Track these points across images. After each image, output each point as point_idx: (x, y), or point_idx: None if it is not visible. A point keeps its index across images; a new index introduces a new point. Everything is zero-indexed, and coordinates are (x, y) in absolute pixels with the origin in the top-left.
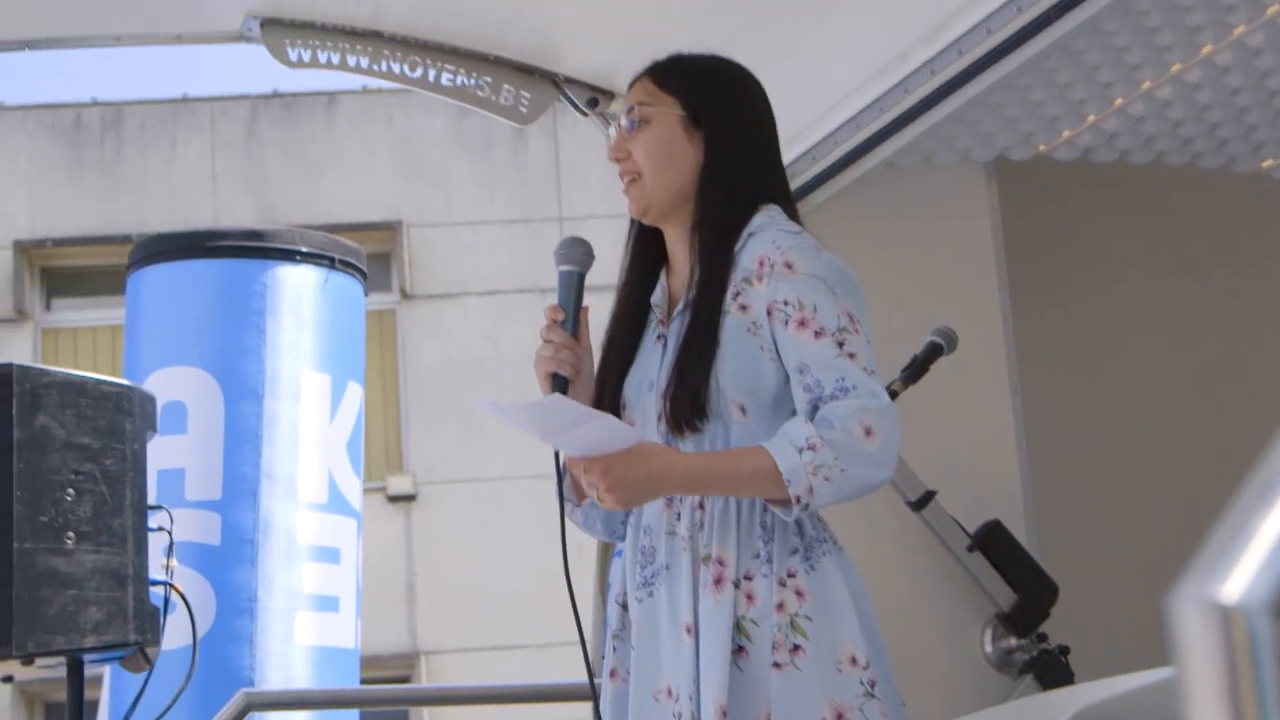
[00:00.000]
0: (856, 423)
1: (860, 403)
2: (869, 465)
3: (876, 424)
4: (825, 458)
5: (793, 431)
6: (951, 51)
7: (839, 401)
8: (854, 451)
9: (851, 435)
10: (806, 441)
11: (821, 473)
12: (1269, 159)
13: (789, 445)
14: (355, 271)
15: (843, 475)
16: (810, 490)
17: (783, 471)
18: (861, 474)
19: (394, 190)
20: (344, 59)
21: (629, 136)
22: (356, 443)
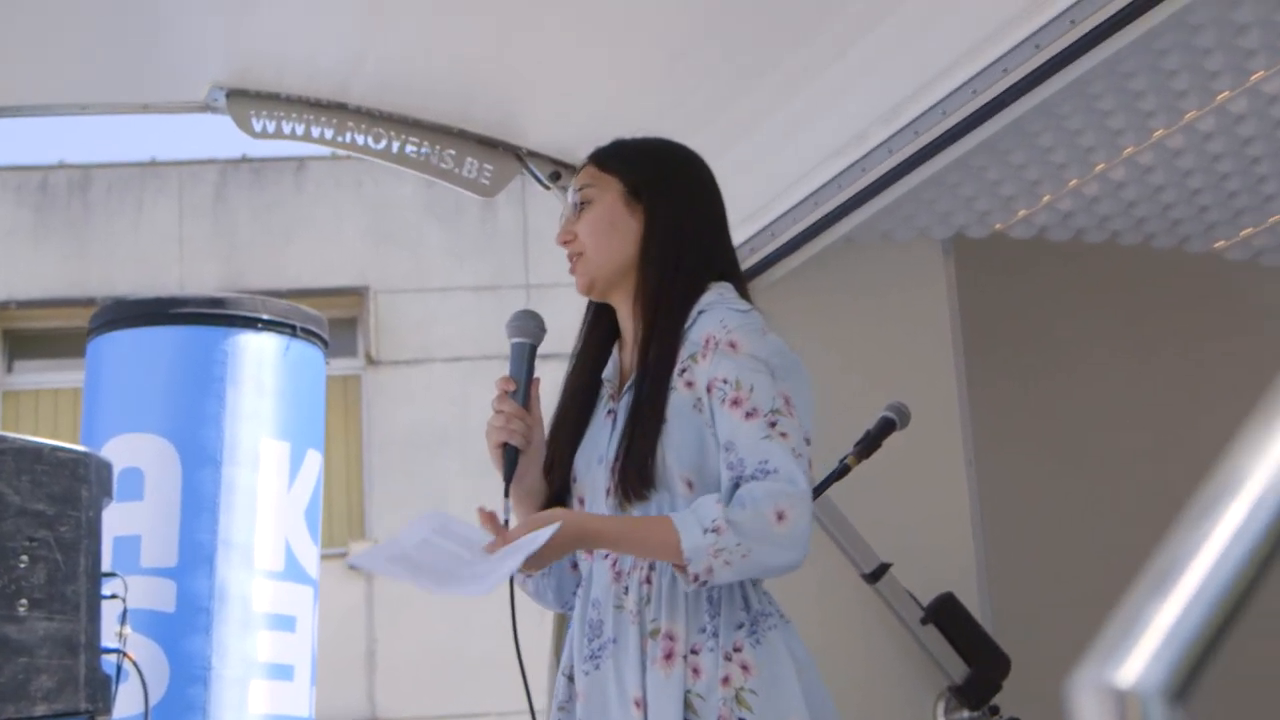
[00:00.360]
0: (770, 506)
1: (777, 486)
2: (776, 548)
3: (789, 509)
4: (728, 542)
5: (702, 510)
6: (908, 132)
7: (758, 483)
8: (761, 535)
9: (761, 518)
10: (713, 523)
11: (722, 556)
12: (1221, 240)
13: (696, 524)
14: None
15: (744, 560)
16: (710, 570)
17: (684, 550)
18: (766, 557)
19: (362, 255)
20: (308, 130)
21: (574, 220)
22: (315, 510)
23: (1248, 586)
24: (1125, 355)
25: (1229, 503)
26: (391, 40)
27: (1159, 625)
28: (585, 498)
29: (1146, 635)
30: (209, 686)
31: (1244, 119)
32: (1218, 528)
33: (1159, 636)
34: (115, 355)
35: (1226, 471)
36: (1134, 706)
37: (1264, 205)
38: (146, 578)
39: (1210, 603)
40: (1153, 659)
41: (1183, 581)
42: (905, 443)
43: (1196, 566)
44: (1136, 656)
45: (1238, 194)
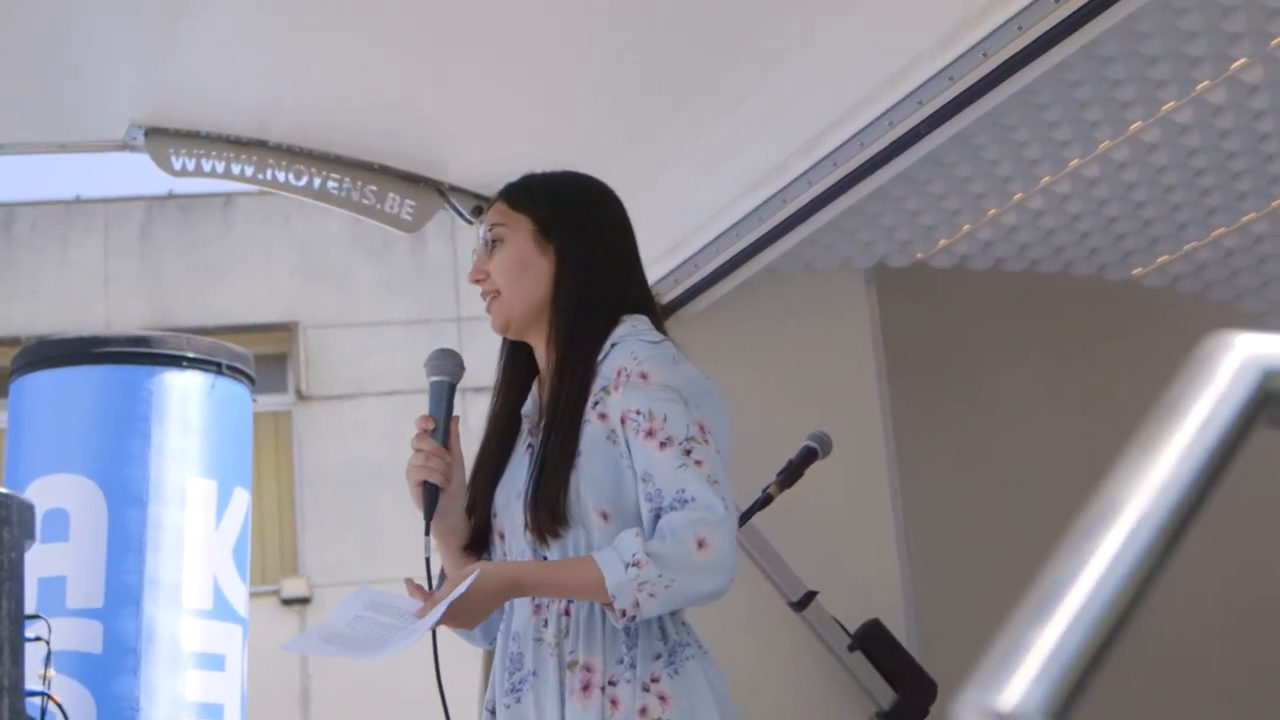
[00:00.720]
0: (690, 535)
1: (696, 514)
2: (700, 576)
3: (711, 536)
4: (649, 574)
5: (623, 545)
6: (827, 163)
7: (677, 513)
8: (684, 564)
9: (683, 547)
10: (633, 557)
11: (646, 589)
12: (1138, 267)
13: (618, 560)
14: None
15: (668, 591)
16: (636, 604)
17: (608, 588)
18: (690, 586)
19: (291, 291)
20: (228, 168)
21: (486, 258)
22: (243, 548)
23: (1125, 610)
24: (1047, 382)
25: (1107, 528)
26: (311, 78)
27: (1039, 649)
28: (505, 533)
29: (1027, 659)
30: None
31: (1156, 148)
32: (1096, 553)
33: (1039, 660)
34: (38, 395)
35: (1104, 497)
36: None
37: (1178, 233)
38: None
39: (1088, 626)
40: (1033, 682)
41: (1062, 606)
42: (830, 471)
43: (1075, 591)
44: (1017, 680)
45: (1153, 222)
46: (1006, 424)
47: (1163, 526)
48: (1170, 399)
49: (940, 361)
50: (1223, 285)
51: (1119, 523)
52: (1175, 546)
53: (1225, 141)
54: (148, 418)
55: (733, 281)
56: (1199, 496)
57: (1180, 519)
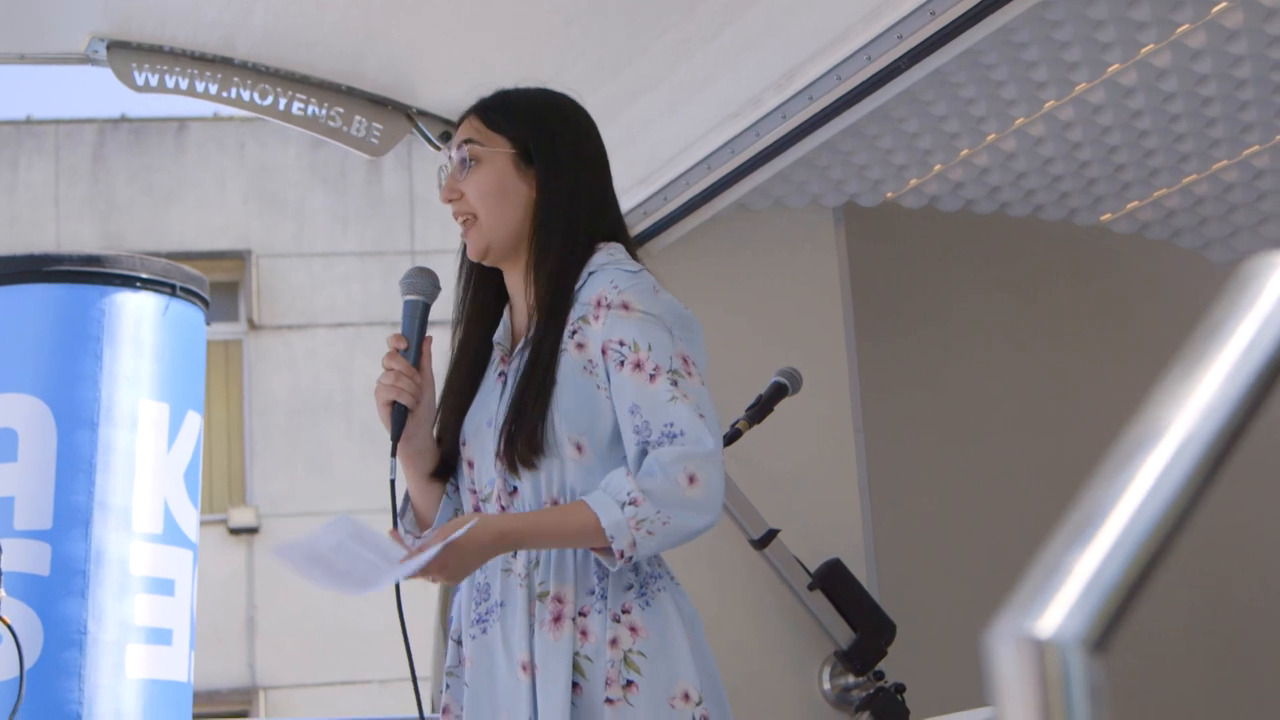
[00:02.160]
0: (680, 470)
1: (685, 449)
2: (692, 512)
3: (700, 471)
4: (647, 512)
5: (614, 485)
6: (803, 97)
7: (665, 448)
8: (676, 500)
9: (674, 483)
10: (629, 496)
11: (644, 527)
12: (1108, 213)
13: (611, 500)
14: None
15: (665, 527)
16: (634, 544)
17: (605, 528)
18: (684, 522)
19: (244, 219)
20: (192, 85)
21: (460, 177)
22: (194, 473)
23: (1166, 537)
24: (1013, 326)
25: (1148, 453)
26: None
27: (1078, 575)
28: (474, 461)
29: (1065, 585)
30: (85, 650)
31: (1133, 92)
32: (1138, 476)
33: (1078, 587)
34: None
35: (1144, 422)
36: (1052, 657)
37: (1149, 179)
38: (21, 540)
39: (1129, 553)
40: (1072, 609)
41: (1102, 531)
42: (795, 409)
43: (1116, 516)
44: (1055, 607)
45: (1125, 167)
46: (971, 366)
47: (1207, 450)
48: (1212, 320)
49: (907, 303)
50: (1191, 233)
51: (1162, 446)
52: (1219, 471)
53: (1202, 87)
54: (99, 338)
55: (702, 215)
56: (1244, 420)
57: (1224, 442)
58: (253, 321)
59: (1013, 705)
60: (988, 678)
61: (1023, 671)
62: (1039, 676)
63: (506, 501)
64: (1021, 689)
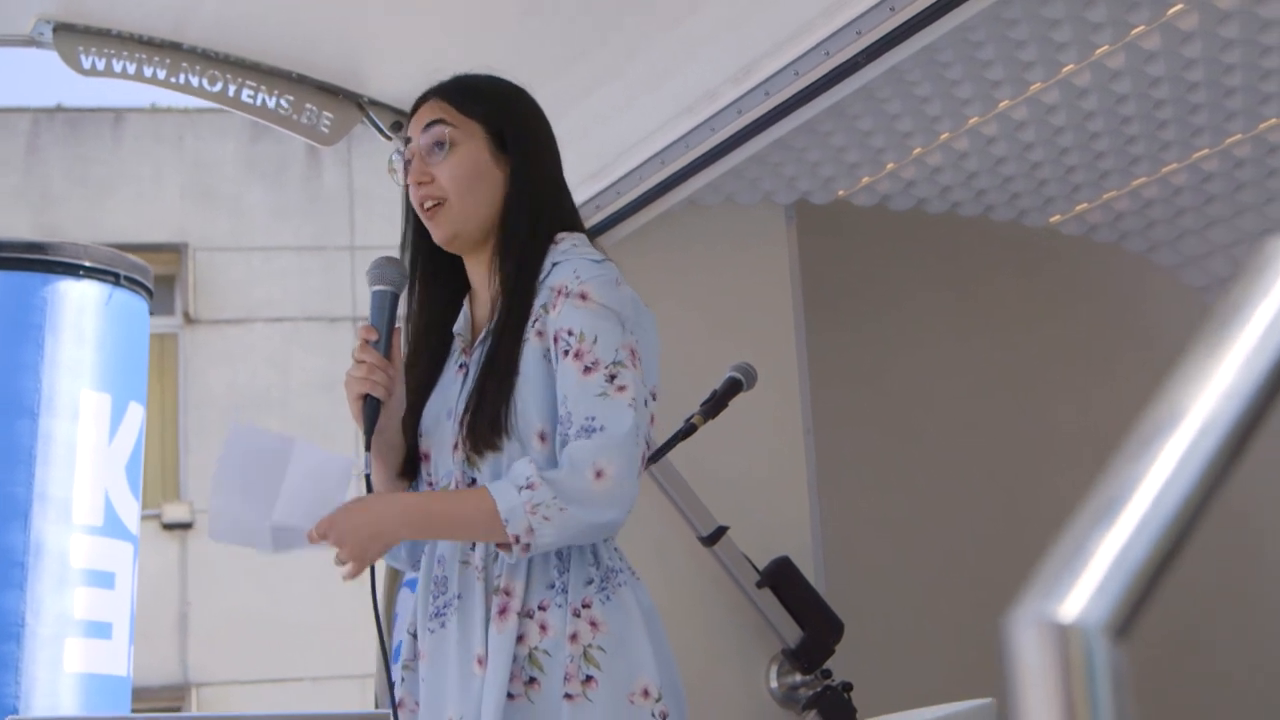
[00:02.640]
0: (588, 464)
1: (600, 443)
2: (592, 506)
3: (610, 465)
4: (543, 496)
5: (516, 471)
6: (759, 92)
7: (581, 441)
8: (575, 492)
9: (578, 475)
10: (526, 480)
11: (540, 511)
12: (1057, 214)
13: (509, 485)
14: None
15: (562, 514)
16: (530, 530)
17: (500, 511)
18: (583, 514)
19: (181, 212)
20: (140, 69)
21: (431, 160)
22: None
23: (1191, 518)
24: (961, 326)
25: (1170, 433)
26: None
27: (1101, 559)
28: (431, 453)
29: (1089, 569)
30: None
31: (1087, 93)
32: (1160, 458)
33: (1102, 570)
34: None
35: (1165, 405)
36: (1076, 642)
37: (1099, 181)
38: None
39: (1154, 536)
40: (1095, 593)
41: (1125, 514)
42: (745, 406)
43: (1139, 499)
44: (1079, 591)
45: (1076, 169)
46: (920, 364)
47: (1229, 432)
48: (1232, 301)
49: (857, 303)
50: (1138, 236)
51: (1183, 428)
52: (1241, 453)
53: (1154, 90)
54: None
55: (654, 211)
56: (1267, 400)
57: (1246, 425)
58: (189, 315)
59: (1034, 692)
60: (945, 679)
61: (1045, 657)
62: (1061, 663)
63: None
64: (1043, 675)
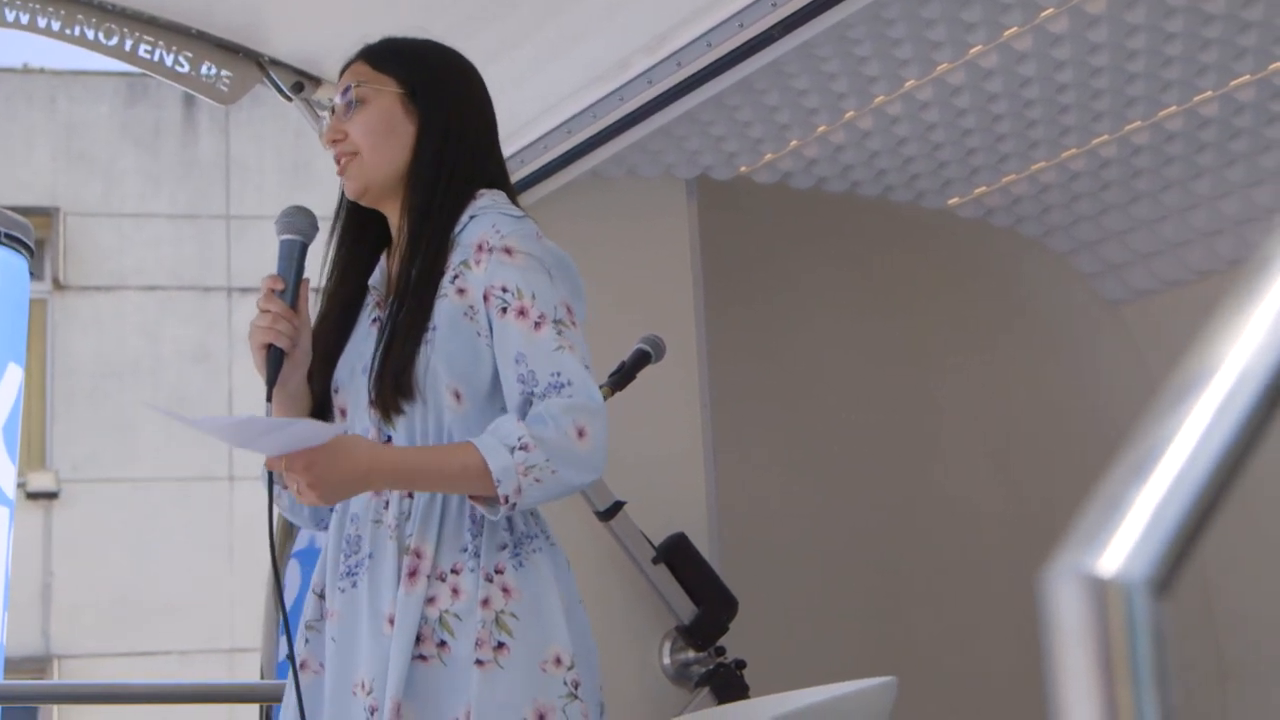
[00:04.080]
0: (570, 422)
1: (575, 401)
2: (578, 467)
3: (589, 425)
4: (537, 459)
5: (504, 429)
6: (671, 63)
7: (553, 399)
8: (565, 452)
9: (565, 435)
10: (519, 441)
11: (532, 474)
12: (955, 197)
13: (500, 444)
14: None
15: (553, 477)
16: (519, 490)
17: (493, 471)
18: (570, 475)
19: (52, 175)
20: (34, 20)
21: (345, 118)
22: (13, 428)
23: (1231, 471)
24: (857, 304)
25: (1207, 386)
26: None
27: (1141, 512)
28: (347, 409)
29: (1128, 522)
30: None
31: (992, 74)
32: (1197, 410)
33: (1142, 523)
34: None
35: (1201, 356)
36: (1116, 597)
37: (999, 165)
38: None
39: (1196, 489)
40: (1136, 547)
41: (1165, 466)
42: (644, 381)
43: (1178, 451)
44: (1118, 545)
45: (976, 151)
46: (817, 343)
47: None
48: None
49: (757, 278)
50: (1034, 221)
51: (1221, 378)
52: None
53: (1058, 73)
54: None
55: (558, 181)
56: None
57: None
58: (58, 281)
59: (1072, 648)
60: (839, 659)
61: (1083, 613)
62: (1101, 618)
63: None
64: (1082, 631)
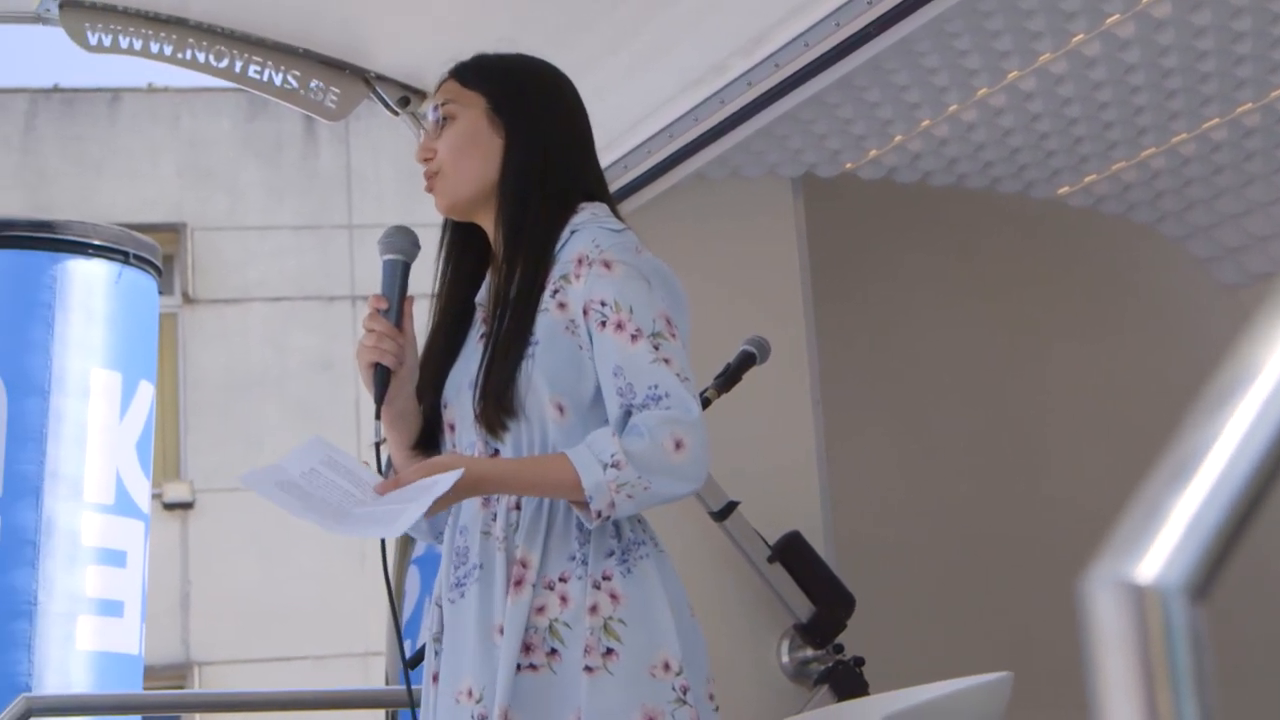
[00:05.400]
0: (666, 434)
1: (672, 414)
2: (674, 479)
3: (687, 436)
4: (629, 476)
5: (598, 444)
6: (769, 64)
7: (650, 411)
8: (660, 465)
9: (660, 448)
10: (611, 458)
11: (624, 490)
12: (1064, 186)
13: (594, 459)
14: (149, 268)
15: (646, 492)
16: (612, 505)
17: (585, 488)
18: (666, 487)
19: (178, 192)
20: (146, 46)
21: (435, 136)
22: (146, 443)
23: (1269, 477)
24: (968, 298)
25: (1247, 390)
26: None
27: (1179, 518)
28: (455, 424)
29: (1166, 529)
30: (34, 621)
31: (1096, 63)
32: (1236, 415)
33: (1179, 530)
34: None
35: (1240, 361)
36: (1154, 603)
37: (1107, 152)
38: None
39: (1232, 495)
40: (1174, 554)
41: (1202, 472)
42: (754, 381)
43: (1216, 457)
44: (1156, 551)
45: (1083, 140)
46: (927, 337)
47: None
48: None
49: (864, 273)
50: (1146, 207)
51: (1262, 382)
52: None
53: (1163, 59)
54: (51, 305)
55: (662, 185)
56: None
57: None
58: (187, 295)
59: (1111, 655)
60: (958, 653)
61: (1122, 620)
62: (1140, 625)
63: None
64: (1121, 638)
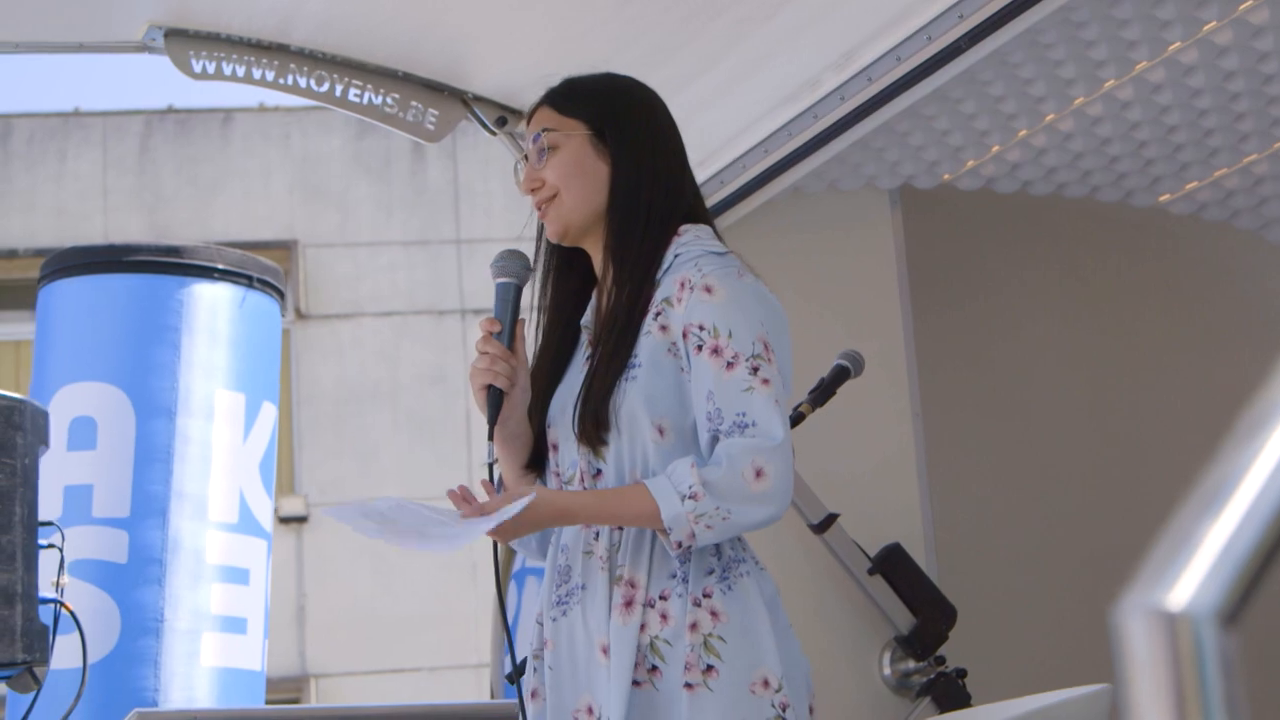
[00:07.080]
0: (747, 463)
1: (754, 441)
2: (755, 506)
3: (768, 464)
4: (707, 507)
5: (677, 475)
6: (861, 79)
7: (735, 438)
8: (739, 494)
9: (739, 476)
10: (689, 490)
11: (703, 521)
12: (1165, 194)
13: (672, 490)
14: (272, 291)
15: (725, 521)
16: (692, 535)
17: (664, 520)
18: (746, 516)
19: (289, 209)
20: (249, 72)
21: (539, 166)
22: (269, 463)
23: None
24: (1068, 308)
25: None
26: None
27: (1210, 546)
28: (559, 444)
29: (1197, 556)
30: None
31: (1194, 70)
32: (1269, 445)
33: (1210, 557)
34: (67, 303)
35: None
36: (1185, 630)
37: (1209, 160)
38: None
39: (1263, 522)
40: (1204, 581)
41: (1234, 501)
42: (853, 393)
43: (1248, 485)
44: (1187, 578)
45: (1183, 147)
46: (1027, 348)
47: None
48: None
49: (964, 285)
50: (1250, 214)
51: None
52: None
53: (1263, 64)
54: (177, 328)
55: (758, 199)
56: None
57: None
58: (300, 311)
59: (1143, 681)
60: (1062, 665)
61: (1154, 646)
62: (1171, 651)
63: (590, 484)
64: (1152, 664)
